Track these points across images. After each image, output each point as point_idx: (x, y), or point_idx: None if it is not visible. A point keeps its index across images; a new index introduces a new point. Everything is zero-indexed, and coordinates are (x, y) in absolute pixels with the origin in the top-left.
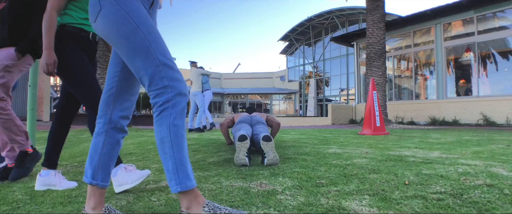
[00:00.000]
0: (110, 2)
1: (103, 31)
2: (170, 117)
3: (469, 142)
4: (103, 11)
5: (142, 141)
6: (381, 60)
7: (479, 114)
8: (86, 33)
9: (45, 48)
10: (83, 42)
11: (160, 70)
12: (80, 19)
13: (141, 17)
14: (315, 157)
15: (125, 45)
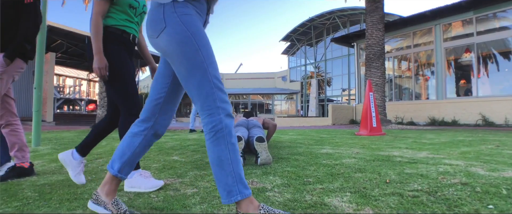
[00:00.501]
0: (176, 21)
1: (164, 47)
2: (226, 137)
3: (461, 142)
4: (168, 29)
5: None
6: (380, 61)
7: (478, 114)
8: (127, 34)
9: (96, 53)
10: (124, 43)
11: (213, 93)
12: (121, 21)
13: (202, 40)
14: (307, 157)
15: (185, 65)
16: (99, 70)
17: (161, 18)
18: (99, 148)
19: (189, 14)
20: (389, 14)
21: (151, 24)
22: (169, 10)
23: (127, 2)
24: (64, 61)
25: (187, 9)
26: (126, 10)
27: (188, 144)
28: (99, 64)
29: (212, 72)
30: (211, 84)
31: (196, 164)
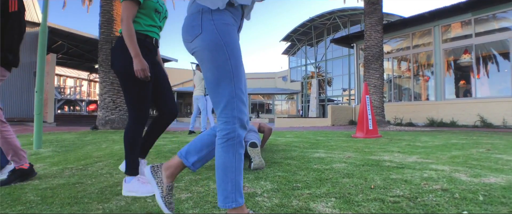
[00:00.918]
0: (212, 29)
1: (197, 51)
2: (236, 146)
3: (453, 146)
4: (203, 35)
5: None
6: (379, 62)
7: (476, 115)
8: (150, 39)
9: (134, 56)
10: (147, 47)
11: (233, 102)
12: (145, 26)
13: (234, 50)
14: (299, 161)
15: (212, 71)
16: (141, 72)
17: (198, 24)
18: (99, 151)
19: (226, 23)
20: (389, 14)
21: (188, 29)
22: (207, 17)
23: (153, 7)
24: (65, 61)
25: (224, 16)
26: (151, 14)
27: None
28: (140, 66)
29: (236, 83)
30: (233, 94)
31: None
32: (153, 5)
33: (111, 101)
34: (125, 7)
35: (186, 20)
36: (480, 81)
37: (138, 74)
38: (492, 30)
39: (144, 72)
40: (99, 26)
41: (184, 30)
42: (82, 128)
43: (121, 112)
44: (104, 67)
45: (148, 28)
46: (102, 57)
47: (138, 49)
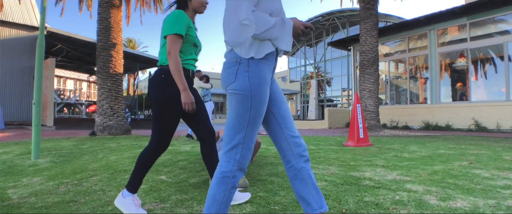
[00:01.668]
0: (245, 80)
1: (228, 96)
2: (229, 185)
3: (439, 157)
4: (234, 84)
5: (137, 155)
6: (374, 67)
7: (471, 119)
8: (187, 71)
9: (183, 90)
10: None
11: (240, 148)
12: (184, 60)
13: (258, 103)
14: (283, 178)
15: (232, 115)
16: (188, 105)
17: (233, 73)
18: (95, 162)
19: (259, 76)
20: (388, 16)
21: (225, 77)
22: (243, 68)
23: (192, 41)
24: (65, 64)
25: (259, 67)
26: (190, 48)
27: (178, 159)
28: (187, 100)
29: (248, 133)
30: (242, 140)
31: (181, 185)
32: (192, 40)
33: (109, 108)
34: (172, 41)
35: (224, 66)
36: (475, 85)
37: (186, 107)
38: (487, 35)
39: (192, 105)
40: (97, 34)
41: (222, 76)
42: (82, 132)
43: (118, 118)
44: (102, 74)
45: (187, 61)
46: (100, 64)
47: (185, 83)
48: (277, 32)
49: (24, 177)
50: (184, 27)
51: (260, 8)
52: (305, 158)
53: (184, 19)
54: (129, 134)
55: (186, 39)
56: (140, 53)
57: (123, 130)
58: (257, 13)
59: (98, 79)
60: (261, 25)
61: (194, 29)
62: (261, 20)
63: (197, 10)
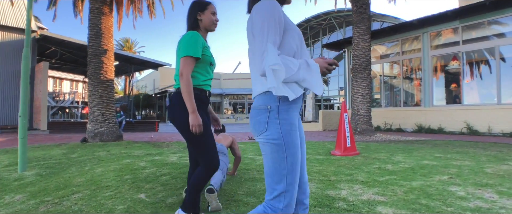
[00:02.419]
0: (276, 128)
1: (261, 145)
2: None
3: (421, 169)
4: (267, 133)
5: (123, 167)
6: (366, 71)
7: (463, 122)
8: (205, 92)
9: (191, 112)
10: (202, 100)
11: (282, 196)
12: (202, 81)
13: (293, 149)
14: (259, 198)
15: (269, 165)
16: (195, 127)
17: (264, 122)
18: (80, 176)
19: (290, 123)
20: (385, 16)
21: (255, 125)
22: (274, 116)
23: (208, 61)
24: (60, 66)
25: (290, 114)
26: (206, 68)
27: (162, 173)
28: (195, 122)
29: (289, 180)
30: (284, 189)
31: (156, 207)
32: (208, 59)
33: (100, 114)
34: (185, 63)
35: (253, 113)
36: (467, 88)
37: (193, 130)
38: (479, 38)
39: (200, 128)
40: (88, 40)
41: (252, 123)
42: (75, 136)
43: (110, 124)
44: (93, 81)
45: (204, 82)
46: (91, 71)
47: (195, 105)
48: (303, 74)
49: (7, 194)
50: (200, 48)
51: (283, 49)
52: (305, 207)
53: (199, 40)
54: (121, 140)
55: (203, 60)
56: (135, 56)
57: (115, 136)
58: (282, 57)
59: (89, 86)
60: (288, 70)
61: (209, 48)
62: (286, 65)
63: (208, 29)
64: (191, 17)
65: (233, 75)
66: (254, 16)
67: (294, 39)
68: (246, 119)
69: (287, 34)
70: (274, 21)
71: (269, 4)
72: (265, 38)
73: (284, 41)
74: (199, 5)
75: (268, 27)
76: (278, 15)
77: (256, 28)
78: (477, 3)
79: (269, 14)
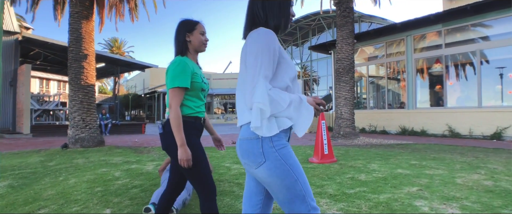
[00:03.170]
0: (275, 156)
1: (263, 178)
2: None
3: (393, 180)
4: (268, 164)
5: (97, 177)
6: (350, 75)
7: (445, 125)
8: (199, 119)
9: (180, 145)
10: (196, 128)
11: (311, 208)
12: (195, 108)
13: (298, 169)
14: None
15: (284, 193)
16: (184, 162)
17: (260, 152)
18: (52, 188)
19: (285, 146)
20: (373, 17)
21: (250, 156)
22: (268, 144)
23: (200, 87)
24: (45, 67)
25: (282, 140)
26: (198, 94)
27: (134, 185)
28: (185, 156)
29: (308, 196)
30: (309, 207)
31: None
32: (199, 86)
33: (81, 120)
34: (173, 94)
35: (243, 143)
36: (449, 91)
37: (182, 164)
38: (461, 42)
39: (188, 162)
40: (68, 44)
41: (244, 155)
42: (59, 140)
43: (91, 130)
44: (73, 86)
45: (198, 109)
46: (71, 76)
47: (184, 139)
48: (291, 112)
49: None
50: (188, 77)
51: (276, 81)
52: None
53: (187, 68)
54: (103, 145)
55: (193, 87)
56: (120, 58)
57: (96, 141)
58: (272, 93)
59: (69, 91)
60: (277, 106)
61: (199, 74)
62: (276, 101)
63: (198, 50)
64: (179, 39)
65: (223, 75)
66: (249, 45)
67: (288, 73)
68: (236, 119)
69: (281, 67)
70: (269, 53)
71: (265, 34)
72: (257, 71)
73: (278, 74)
74: (187, 25)
75: (262, 60)
76: (273, 46)
77: (250, 59)
78: (458, 7)
79: (264, 45)
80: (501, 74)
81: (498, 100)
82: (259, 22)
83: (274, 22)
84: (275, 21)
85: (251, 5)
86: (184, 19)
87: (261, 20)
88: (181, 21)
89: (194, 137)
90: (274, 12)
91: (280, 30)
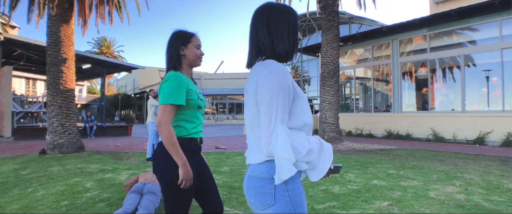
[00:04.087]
0: (286, 201)
1: None
2: None
3: (367, 192)
4: (275, 207)
5: (66, 189)
6: (334, 79)
7: (429, 129)
8: (195, 140)
9: (181, 165)
10: (192, 150)
11: None
12: (191, 129)
13: (304, 212)
14: None
15: None
16: (187, 181)
17: (271, 193)
18: (17, 201)
19: (299, 193)
20: (363, 18)
21: (258, 196)
22: (281, 187)
23: (196, 105)
24: (29, 68)
25: (297, 183)
26: (195, 113)
27: (101, 198)
28: (185, 176)
29: None
30: None
31: None
32: (195, 103)
33: (60, 125)
34: (164, 111)
35: (253, 181)
36: (434, 95)
37: (183, 184)
38: (446, 46)
39: (190, 182)
40: (46, 48)
41: (252, 193)
42: (40, 144)
43: (70, 135)
44: (52, 91)
45: (193, 130)
46: (50, 81)
47: (184, 157)
48: (311, 157)
49: None
50: (183, 94)
51: (292, 121)
52: None
53: (181, 84)
54: (82, 151)
55: (189, 105)
56: (106, 59)
57: (75, 147)
58: (292, 139)
59: (48, 96)
60: (297, 154)
61: (195, 90)
62: (296, 149)
63: (192, 65)
64: (173, 52)
65: (214, 75)
66: (261, 84)
67: (303, 110)
68: (227, 120)
69: (296, 104)
70: (284, 94)
71: (277, 72)
72: (274, 116)
73: (293, 112)
74: (181, 38)
75: (277, 103)
76: (287, 84)
77: (264, 101)
78: (442, 12)
79: (278, 85)
80: (487, 77)
81: (483, 103)
82: (266, 50)
83: (282, 49)
84: (283, 47)
85: (255, 32)
86: (177, 31)
87: (267, 47)
88: (175, 32)
89: (190, 162)
90: (281, 38)
91: (289, 57)
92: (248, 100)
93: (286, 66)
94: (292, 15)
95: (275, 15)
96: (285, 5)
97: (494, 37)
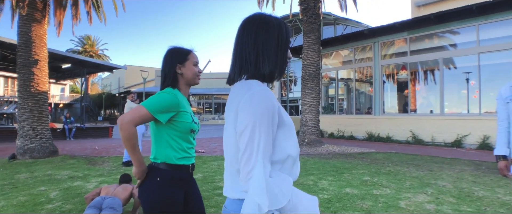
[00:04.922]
0: None
1: None
2: None
3: (338, 201)
4: None
5: (28, 200)
6: (315, 82)
7: (409, 131)
8: (186, 167)
9: (136, 166)
10: (181, 179)
11: None
12: (182, 152)
13: None
14: None
15: None
16: (137, 174)
17: None
18: None
19: None
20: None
21: None
22: None
23: (189, 128)
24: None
25: None
26: (187, 137)
27: (63, 210)
28: (137, 175)
29: None
30: None
31: None
32: (189, 127)
33: (31, 129)
34: (137, 111)
35: None
36: (414, 98)
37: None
38: (425, 49)
39: (140, 175)
40: (17, 49)
41: None
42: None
43: (42, 140)
44: (22, 93)
45: (184, 154)
46: (20, 83)
47: (140, 158)
48: (296, 201)
49: None
50: (167, 114)
51: (275, 152)
52: None
53: (173, 104)
54: (56, 155)
55: (181, 128)
56: (87, 59)
57: (48, 152)
58: (274, 183)
59: (18, 99)
60: (276, 202)
61: (190, 113)
62: (276, 196)
63: (190, 83)
64: (168, 71)
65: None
66: (241, 111)
67: (288, 138)
68: (212, 120)
69: (281, 132)
70: (268, 123)
71: (261, 97)
72: (255, 150)
73: (277, 142)
74: (178, 56)
75: (259, 133)
76: (272, 110)
77: (245, 131)
78: (422, 16)
79: (261, 111)
80: (467, 79)
81: (463, 105)
82: (249, 67)
83: (267, 70)
84: (269, 67)
85: (240, 45)
86: (173, 48)
87: (250, 66)
88: (170, 50)
89: (177, 190)
90: (268, 56)
91: (275, 78)
92: (227, 130)
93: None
94: (284, 32)
95: (264, 30)
96: (277, 18)
97: (472, 42)
